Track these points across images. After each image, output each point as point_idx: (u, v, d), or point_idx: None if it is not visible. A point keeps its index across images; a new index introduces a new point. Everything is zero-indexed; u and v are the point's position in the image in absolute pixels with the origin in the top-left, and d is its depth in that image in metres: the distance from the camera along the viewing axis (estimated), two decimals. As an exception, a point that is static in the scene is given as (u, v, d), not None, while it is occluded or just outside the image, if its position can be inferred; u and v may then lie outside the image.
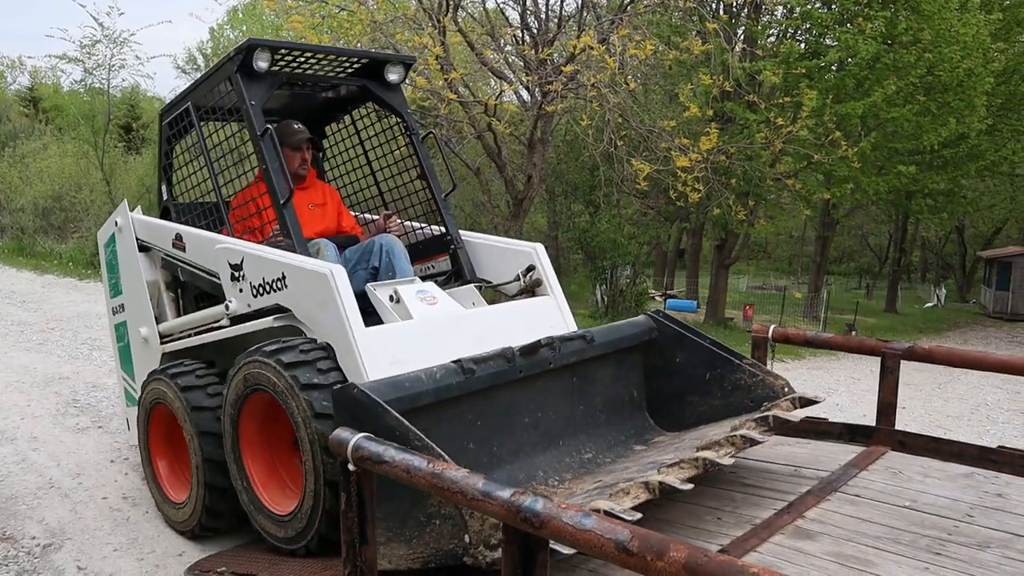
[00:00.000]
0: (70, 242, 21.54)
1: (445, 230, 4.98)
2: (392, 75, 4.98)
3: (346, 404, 3.06)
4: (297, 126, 4.95)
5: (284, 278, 4.01)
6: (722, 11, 19.12)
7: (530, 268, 4.67)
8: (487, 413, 3.72)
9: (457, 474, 2.15)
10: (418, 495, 2.85)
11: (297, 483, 3.74)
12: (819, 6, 19.10)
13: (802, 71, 17.00)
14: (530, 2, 14.77)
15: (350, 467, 2.51)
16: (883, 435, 4.20)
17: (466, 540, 2.72)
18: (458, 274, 4.86)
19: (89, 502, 5.15)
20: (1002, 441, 7.54)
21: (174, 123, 5.05)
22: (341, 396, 3.10)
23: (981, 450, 3.98)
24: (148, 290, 5.21)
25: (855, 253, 50.55)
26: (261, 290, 4.16)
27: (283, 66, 4.63)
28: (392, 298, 4.21)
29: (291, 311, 4.04)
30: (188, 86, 5.03)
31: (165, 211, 5.26)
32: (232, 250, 4.35)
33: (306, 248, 4.28)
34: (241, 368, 3.88)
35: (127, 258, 5.36)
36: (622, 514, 2.71)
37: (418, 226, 5.24)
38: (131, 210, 5.42)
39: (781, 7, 19.86)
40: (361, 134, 5.62)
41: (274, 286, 4.07)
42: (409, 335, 3.93)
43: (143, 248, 5.24)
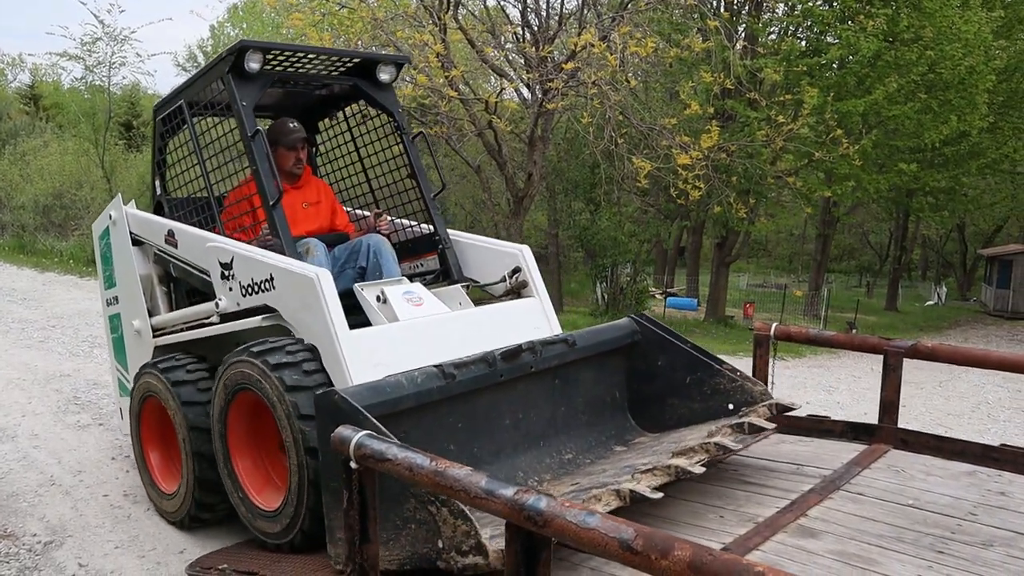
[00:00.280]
0: (71, 240, 21.53)
1: (434, 229, 5.01)
2: (384, 75, 5.00)
3: (327, 409, 3.11)
4: (293, 125, 4.93)
5: (272, 279, 4.06)
6: (723, 8, 19.14)
7: (516, 270, 4.71)
8: (468, 415, 3.77)
9: (460, 472, 2.14)
10: (395, 499, 2.90)
11: (283, 479, 3.78)
12: (820, 3, 19.09)
13: (803, 69, 17.00)
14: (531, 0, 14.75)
15: (352, 465, 2.50)
16: (886, 433, 4.19)
17: (439, 545, 2.77)
18: (446, 273, 4.90)
19: (90, 499, 5.15)
20: (1003, 439, 7.52)
21: (167, 119, 5.07)
22: (322, 401, 3.15)
23: (984, 448, 3.97)
24: (141, 284, 5.24)
25: (856, 251, 50.53)
26: (250, 290, 4.20)
27: (275, 66, 4.65)
28: (379, 298, 4.24)
29: (279, 311, 4.07)
30: (182, 83, 5.04)
31: (158, 206, 5.28)
32: (223, 249, 4.38)
33: (295, 250, 4.31)
34: (229, 367, 3.93)
35: (121, 251, 5.39)
36: None
37: (408, 224, 5.26)
38: (125, 204, 5.44)
39: (782, 4, 19.88)
40: (353, 131, 5.62)
41: (262, 287, 4.12)
42: (393, 337, 3.96)
43: (136, 242, 5.26)
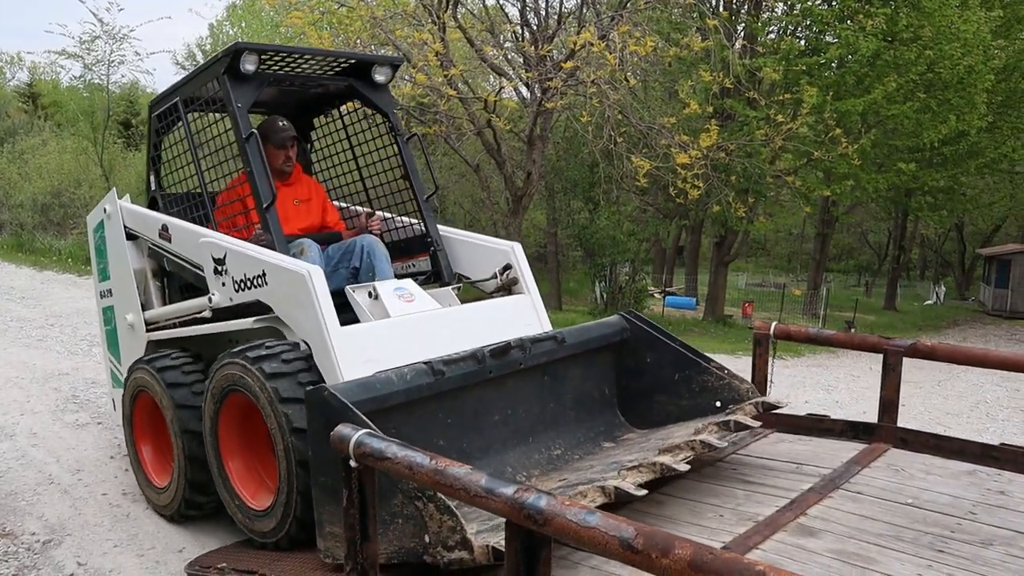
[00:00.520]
0: (69, 238, 21.49)
1: (426, 231, 5.05)
2: (379, 76, 5.03)
3: (317, 405, 3.15)
4: (282, 123, 4.95)
5: (264, 275, 4.10)
6: (722, 7, 19.13)
7: (507, 267, 4.75)
8: (458, 411, 3.82)
9: (460, 471, 2.13)
10: (383, 494, 2.89)
11: (273, 479, 3.82)
12: (820, 3, 19.07)
13: (802, 68, 16.99)
14: (530, -1, 14.75)
15: (352, 463, 2.50)
16: (885, 432, 4.19)
17: (426, 540, 2.80)
18: (437, 275, 4.94)
19: (89, 498, 5.14)
20: (1002, 438, 7.52)
21: (163, 116, 5.10)
22: (313, 397, 3.19)
23: (983, 447, 3.97)
24: (135, 278, 5.27)
25: (854, 250, 50.55)
26: (243, 286, 4.24)
27: (271, 68, 4.68)
28: (371, 294, 4.29)
29: (271, 307, 4.11)
30: (177, 81, 5.06)
31: (152, 202, 5.30)
32: (216, 244, 4.42)
33: (287, 250, 4.36)
34: (216, 372, 4.01)
35: (115, 245, 5.41)
36: None
37: (404, 220, 5.28)
38: (120, 198, 5.46)
39: (781, 3, 19.87)
40: (348, 129, 5.63)
41: (255, 282, 4.16)
42: (384, 334, 4.00)
43: (131, 236, 5.29)
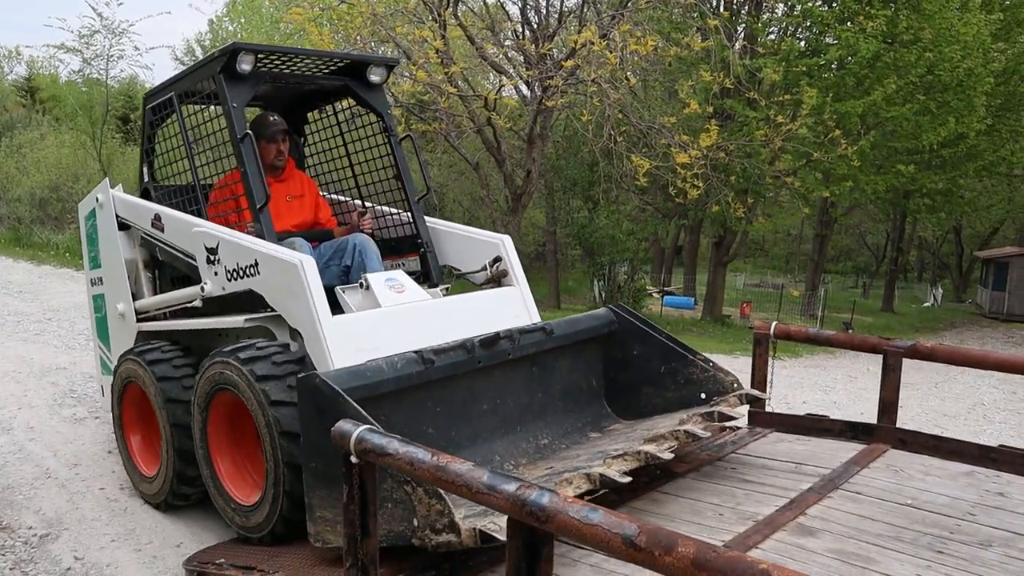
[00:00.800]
0: (67, 232, 21.43)
1: (416, 232, 5.10)
2: (374, 76, 5.07)
3: (308, 391, 3.18)
4: (273, 118, 4.96)
5: (257, 265, 4.14)
6: (723, 8, 19.13)
7: (497, 259, 4.79)
8: (447, 400, 3.88)
9: (462, 467, 2.13)
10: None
11: (260, 475, 3.88)
12: (820, 4, 19.08)
13: (802, 69, 17.01)
14: (531, -3, 14.74)
15: (353, 459, 2.49)
16: (884, 433, 4.19)
17: (414, 523, 2.84)
18: (426, 276, 4.99)
19: (86, 492, 5.13)
20: (999, 440, 7.53)
21: (157, 109, 5.11)
22: (303, 384, 3.21)
23: (981, 449, 3.98)
24: (126, 268, 5.29)
25: (852, 252, 50.60)
26: (235, 275, 4.28)
27: (266, 67, 4.72)
28: (362, 284, 4.35)
29: (263, 296, 4.15)
30: (174, 76, 5.07)
31: (145, 193, 5.32)
32: (208, 234, 4.45)
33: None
34: (205, 371, 4.06)
35: (107, 234, 5.43)
36: None
37: (395, 218, 5.32)
38: (113, 188, 5.47)
39: (782, 4, 19.87)
40: (343, 126, 5.66)
41: (247, 272, 4.20)
42: (375, 323, 4.06)
43: (123, 226, 5.30)
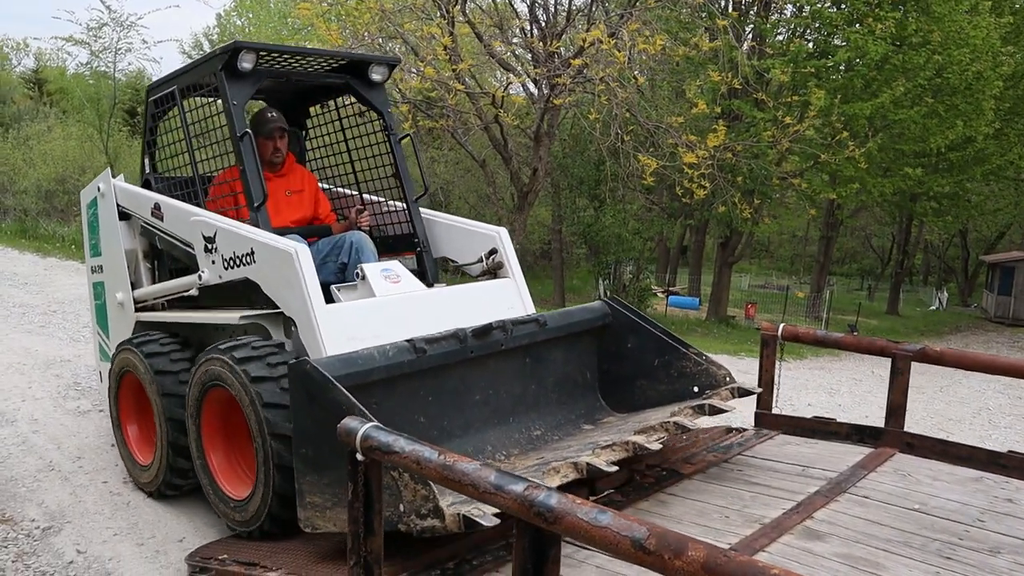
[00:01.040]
0: (73, 225, 21.44)
1: (413, 231, 5.14)
2: (376, 75, 5.11)
3: (299, 378, 3.20)
4: (271, 115, 4.99)
5: (253, 253, 4.19)
6: (731, 8, 19.06)
7: (492, 251, 4.84)
8: (439, 390, 3.90)
9: (468, 466, 2.10)
10: None
11: (252, 470, 3.94)
12: (829, 5, 19.00)
13: (811, 70, 16.93)
14: (540, -5, 14.69)
15: (358, 456, 2.47)
16: (891, 437, 4.16)
17: (400, 509, 2.86)
18: (422, 276, 5.01)
19: (89, 485, 5.12)
20: (1005, 446, 7.47)
21: (160, 102, 5.16)
22: (295, 371, 3.23)
23: (990, 454, 3.95)
24: (126, 258, 5.36)
25: (857, 254, 50.46)
26: (232, 263, 4.34)
27: (268, 65, 4.76)
28: (358, 275, 4.40)
29: (259, 285, 4.21)
30: (176, 70, 5.10)
31: (146, 184, 5.38)
32: (206, 223, 4.50)
33: None
34: (200, 366, 4.12)
35: (107, 223, 5.49)
36: None
37: (393, 215, 5.36)
38: (115, 178, 5.52)
39: (791, 5, 19.78)
40: (344, 122, 5.67)
41: (244, 260, 4.25)
42: (369, 312, 4.10)
43: (123, 216, 5.35)
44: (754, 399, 4.72)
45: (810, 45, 19.33)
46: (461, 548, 3.06)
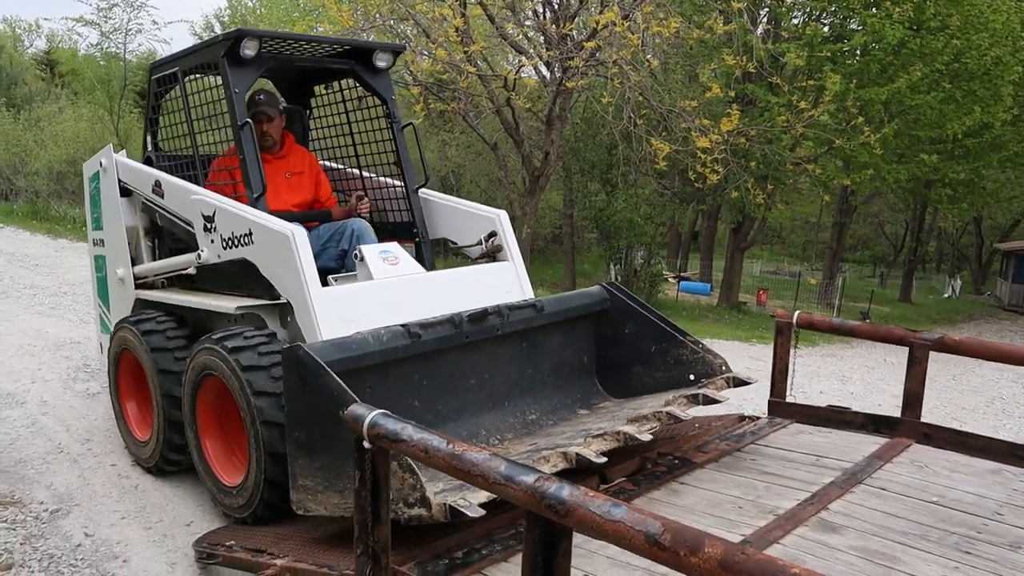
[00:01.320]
0: (84, 206, 21.48)
1: (412, 220, 5.14)
2: (380, 61, 5.11)
3: (292, 363, 3.21)
4: (259, 97, 4.96)
5: (251, 234, 4.21)
6: (747, -10, 18.82)
7: (492, 234, 4.83)
8: (434, 374, 3.90)
9: (478, 456, 2.05)
10: (351, 450, 2.96)
11: (245, 458, 3.99)
12: (845, -12, 18.75)
13: (826, 54, 16.73)
14: (552, -24, 14.51)
15: (365, 444, 2.43)
16: (908, 427, 4.09)
17: (388, 497, 2.80)
18: (420, 263, 4.99)
19: (98, 468, 5.11)
20: (1020, 436, 7.40)
21: (162, 81, 5.17)
22: (288, 355, 3.24)
23: (1009, 446, 3.88)
24: (127, 234, 5.40)
25: (870, 241, 50.10)
26: (231, 243, 4.36)
27: (270, 51, 4.76)
28: (356, 256, 4.41)
29: (256, 266, 4.23)
30: (180, 51, 5.11)
31: (147, 161, 5.38)
32: (206, 202, 4.52)
33: None
34: (201, 352, 4.16)
35: (109, 199, 5.53)
36: None
37: (398, 199, 5.35)
38: (116, 153, 5.54)
39: (807, -12, 19.53)
40: (347, 105, 5.64)
41: (242, 240, 4.27)
42: (365, 295, 4.13)
43: (125, 192, 5.38)
44: (767, 387, 4.67)
45: (826, 29, 19.11)
46: (470, 537, 3.02)
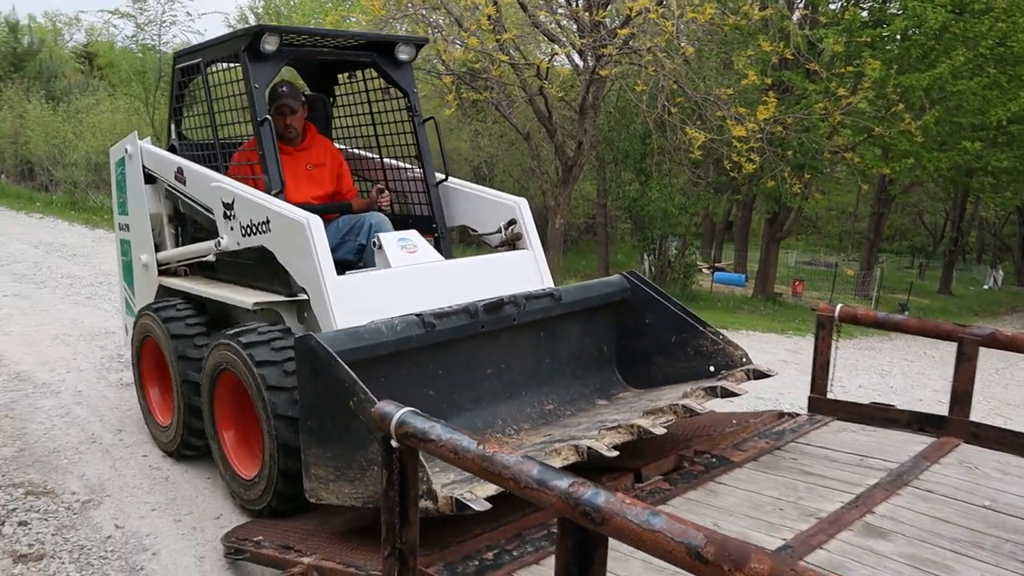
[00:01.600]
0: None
1: (431, 214, 5.13)
2: (403, 54, 5.09)
3: (304, 353, 3.21)
4: (282, 90, 4.95)
5: (268, 222, 4.24)
6: (784, -25, 18.47)
7: (511, 222, 4.79)
8: (449, 364, 3.87)
9: (509, 459, 1.96)
10: (361, 442, 2.99)
11: (261, 452, 4.03)
12: (886, -28, 18.36)
13: (865, 40, 16.38)
14: (586, -38, 14.32)
15: (393, 443, 2.35)
16: (956, 426, 3.93)
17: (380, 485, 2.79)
18: None
19: (129, 459, 5.11)
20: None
21: (186, 71, 5.20)
22: (300, 345, 3.24)
23: (1065, 447, 3.71)
24: (151, 221, 5.48)
25: (908, 231, 49.17)
26: (249, 231, 4.39)
27: (292, 46, 4.76)
28: (375, 244, 4.40)
29: (274, 254, 4.25)
30: (203, 42, 5.13)
31: (171, 149, 5.44)
32: (225, 190, 4.56)
33: None
34: (217, 348, 4.22)
35: (134, 185, 5.61)
36: None
37: (416, 185, 5.34)
38: (141, 140, 5.62)
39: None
40: (370, 94, 5.61)
41: (260, 228, 4.30)
42: (381, 284, 4.12)
43: (150, 179, 5.45)
44: (801, 381, 4.53)
45: (865, 13, 18.72)
46: (500, 537, 2.94)
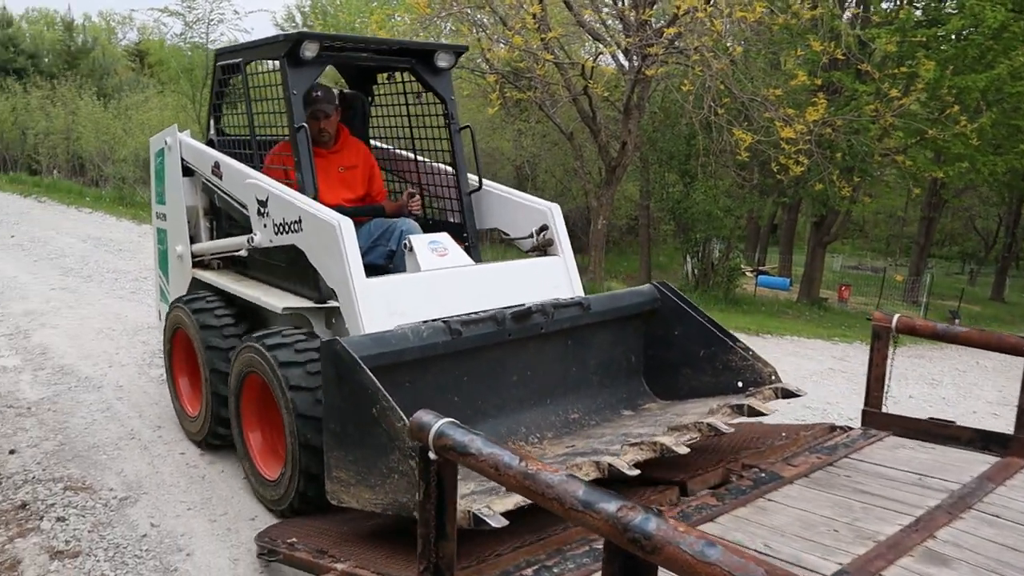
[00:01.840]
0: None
1: (463, 222, 5.11)
2: (442, 62, 5.06)
3: (329, 357, 3.23)
4: (317, 94, 4.91)
5: (300, 221, 4.27)
6: (835, -26, 18.10)
7: (544, 227, 4.77)
8: (474, 370, 3.87)
9: (554, 478, 1.85)
10: (382, 448, 3.00)
11: (284, 451, 4.08)
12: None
13: (919, 40, 15.97)
14: (633, -39, 14.15)
15: (431, 455, 2.25)
16: (1021, 445, 3.73)
17: (416, 497, 2.69)
18: None
19: (167, 456, 5.10)
20: None
21: (226, 69, 5.26)
22: (325, 349, 3.27)
23: None
24: (187, 213, 5.55)
25: (959, 236, 47.96)
26: (282, 229, 4.43)
27: (331, 52, 4.77)
28: (406, 246, 4.41)
29: (304, 253, 4.29)
30: (245, 43, 5.22)
31: (210, 143, 5.51)
32: (260, 187, 4.61)
33: None
34: (243, 351, 4.29)
35: (172, 176, 5.67)
36: None
37: (449, 191, 5.32)
38: (180, 132, 5.69)
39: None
40: (408, 97, 5.57)
41: (292, 227, 4.33)
42: (410, 287, 4.13)
43: (187, 171, 5.52)
44: (855, 391, 4.35)
45: (919, 12, 18.27)
46: (540, 551, 2.83)
